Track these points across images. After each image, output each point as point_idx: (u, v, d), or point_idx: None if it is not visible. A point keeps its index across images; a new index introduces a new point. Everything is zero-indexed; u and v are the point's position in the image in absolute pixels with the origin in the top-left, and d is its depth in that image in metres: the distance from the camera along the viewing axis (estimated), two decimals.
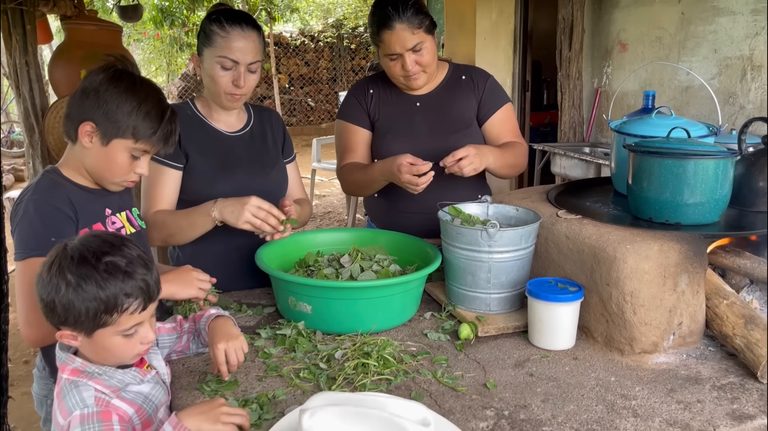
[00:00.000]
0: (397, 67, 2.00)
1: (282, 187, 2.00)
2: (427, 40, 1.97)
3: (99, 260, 1.12)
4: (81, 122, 1.45)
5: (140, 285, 1.14)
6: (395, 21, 1.91)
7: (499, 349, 1.53)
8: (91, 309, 1.10)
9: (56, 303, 1.11)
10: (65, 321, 1.13)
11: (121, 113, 1.43)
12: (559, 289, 1.54)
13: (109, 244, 1.15)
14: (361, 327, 1.56)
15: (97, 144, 1.46)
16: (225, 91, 1.82)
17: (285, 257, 1.81)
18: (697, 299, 1.51)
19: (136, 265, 1.14)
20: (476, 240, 1.60)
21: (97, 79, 1.45)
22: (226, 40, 1.77)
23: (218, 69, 1.79)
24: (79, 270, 1.10)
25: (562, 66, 4.33)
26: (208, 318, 1.40)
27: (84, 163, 1.50)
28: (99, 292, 1.10)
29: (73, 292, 1.10)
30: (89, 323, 1.12)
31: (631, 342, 1.47)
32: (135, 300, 1.13)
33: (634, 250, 1.46)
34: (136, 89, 1.46)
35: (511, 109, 2.17)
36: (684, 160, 1.56)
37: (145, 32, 11.96)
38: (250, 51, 1.79)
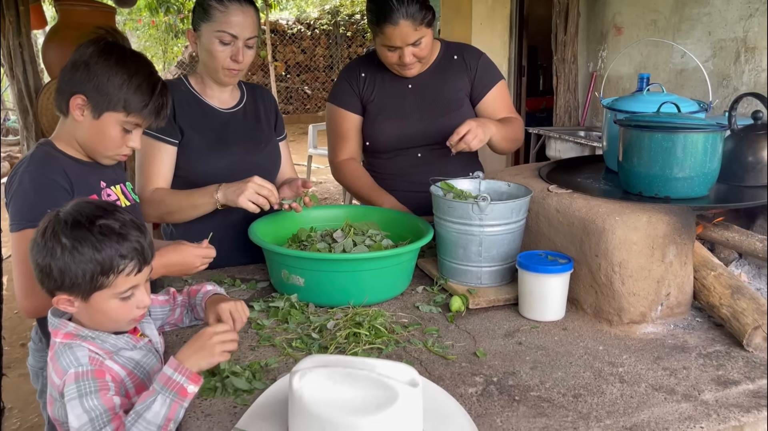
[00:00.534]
0: (394, 58, 2.00)
1: (276, 164, 2.01)
2: (427, 34, 1.97)
3: (93, 223, 1.13)
4: (72, 95, 1.45)
5: (135, 246, 1.16)
6: (399, 16, 1.89)
7: (490, 321, 1.55)
8: (88, 271, 1.12)
9: (52, 267, 1.12)
10: (61, 286, 1.14)
11: (111, 86, 1.43)
12: (549, 261, 1.55)
13: (102, 209, 1.17)
14: (353, 300, 1.57)
15: (89, 117, 1.47)
16: (223, 66, 1.82)
17: (278, 233, 1.82)
18: (685, 270, 1.52)
19: (129, 228, 1.16)
20: (467, 213, 1.61)
21: (87, 52, 1.45)
22: (225, 15, 1.78)
23: (217, 44, 1.80)
24: (73, 233, 1.12)
25: (557, 50, 4.33)
26: (205, 294, 1.42)
27: (76, 137, 1.51)
28: (95, 254, 1.12)
29: (69, 255, 1.11)
30: (86, 286, 1.13)
31: (619, 312, 1.49)
32: (130, 262, 1.15)
33: (623, 222, 1.48)
34: (127, 62, 1.46)
35: (504, 86, 2.17)
36: (673, 133, 1.58)
37: (141, 19, 11.89)
38: (248, 26, 1.80)
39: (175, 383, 1.09)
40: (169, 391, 1.08)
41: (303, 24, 12.00)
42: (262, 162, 1.95)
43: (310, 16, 12.21)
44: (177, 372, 1.10)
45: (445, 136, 2.06)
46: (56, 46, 3.51)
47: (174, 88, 1.88)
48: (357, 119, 2.15)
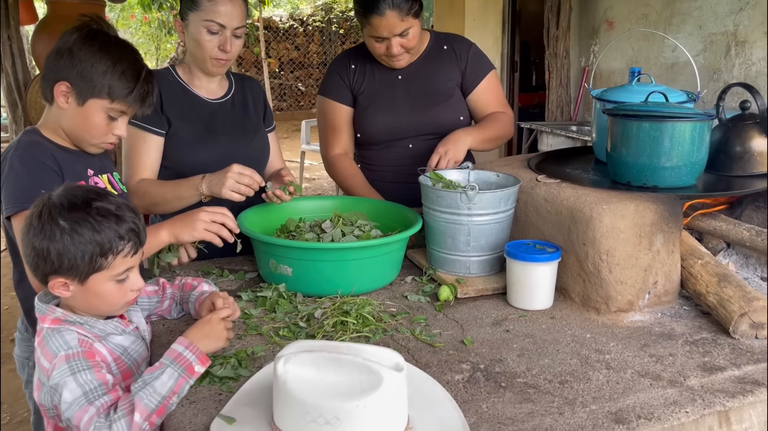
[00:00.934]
0: (382, 49, 1.99)
1: (265, 154, 2.01)
2: (415, 25, 1.96)
3: (89, 205, 1.15)
4: (56, 82, 1.44)
5: (132, 227, 1.17)
6: (386, 7, 1.88)
7: (478, 310, 1.55)
8: (87, 252, 1.13)
9: (50, 250, 1.13)
10: (59, 269, 1.14)
11: (95, 72, 1.43)
12: (536, 250, 1.55)
13: (94, 192, 1.19)
14: (341, 289, 1.57)
15: (73, 104, 1.46)
16: (211, 56, 1.81)
17: (267, 223, 1.81)
18: (672, 259, 1.53)
19: (124, 210, 1.18)
20: (456, 203, 1.61)
21: (71, 39, 1.44)
22: (213, 4, 1.77)
23: (205, 33, 1.79)
24: (71, 216, 1.13)
25: (549, 45, 4.33)
26: (201, 295, 1.42)
27: (61, 124, 1.50)
28: (94, 235, 1.13)
29: (68, 237, 1.12)
30: (85, 267, 1.14)
31: (607, 301, 1.49)
32: (128, 243, 1.17)
33: (610, 210, 1.48)
34: (111, 48, 1.45)
35: (495, 76, 2.17)
36: (661, 122, 1.58)
37: (133, 15, 11.83)
38: (236, 15, 1.79)
39: (185, 359, 1.11)
40: (178, 366, 1.10)
41: (296, 20, 11.97)
42: (251, 152, 1.95)
43: (304, 12, 12.18)
44: (188, 350, 1.12)
45: (437, 126, 2.06)
46: (46, 39, 3.49)
47: (161, 78, 1.87)
48: (349, 111, 2.14)
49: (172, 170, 1.87)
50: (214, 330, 1.19)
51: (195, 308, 1.41)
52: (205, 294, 1.43)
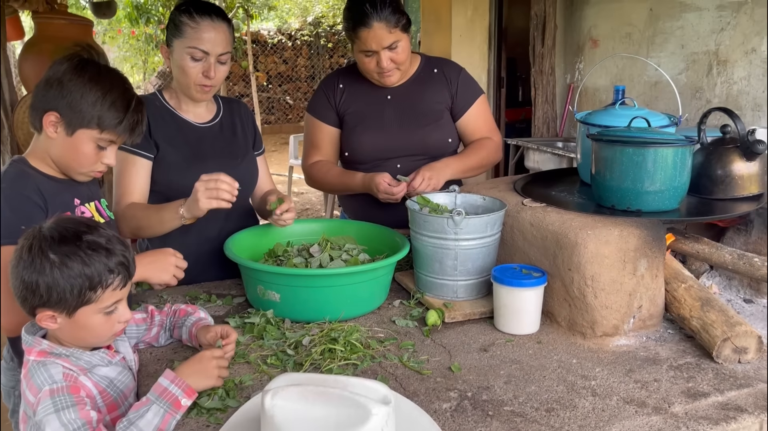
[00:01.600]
0: (372, 64, 2.01)
1: (253, 178, 2.01)
2: (403, 39, 1.98)
3: (80, 239, 1.15)
4: (45, 112, 1.45)
5: (122, 260, 1.18)
6: (373, 19, 1.91)
7: (465, 334, 1.56)
8: (76, 286, 1.13)
9: (39, 283, 1.13)
10: (47, 302, 1.14)
11: (85, 103, 1.43)
12: (523, 275, 1.57)
13: (85, 225, 1.19)
14: (329, 315, 1.58)
15: (62, 134, 1.46)
16: (195, 83, 1.82)
17: (254, 248, 1.82)
18: (656, 283, 1.55)
19: (114, 243, 1.19)
20: (443, 227, 1.62)
21: (61, 69, 1.45)
22: (196, 31, 1.78)
23: (188, 60, 1.80)
24: (61, 249, 1.13)
25: (535, 62, 4.38)
26: (197, 321, 1.42)
27: (50, 153, 1.50)
28: (84, 269, 1.13)
29: (57, 271, 1.12)
30: (73, 301, 1.14)
31: (592, 325, 1.51)
32: (117, 276, 1.17)
33: (595, 235, 1.50)
34: (101, 78, 1.46)
35: (484, 101, 2.19)
36: (644, 148, 1.60)
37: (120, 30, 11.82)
38: (220, 42, 1.80)
39: (171, 394, 1.11)
40: (163, 401, 1.10)
41: (284, 35, 12.01)
42: (239, 176, 1.93)
43: (292, 26, 12.22)
44: (173, 383, 1.12)
45: (425, 147, 2.08)
46: (33, 59, 3.48)
47: (148, 104, 1.87)
48: (332, 131, 2.16)
49: (161, 194, 1.87)
50: (206, 367, 1.19)
51: (190, 333, 1.42)
52: (203, 321, 1.44)
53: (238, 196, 1.97)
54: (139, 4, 10.63)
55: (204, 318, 1.46)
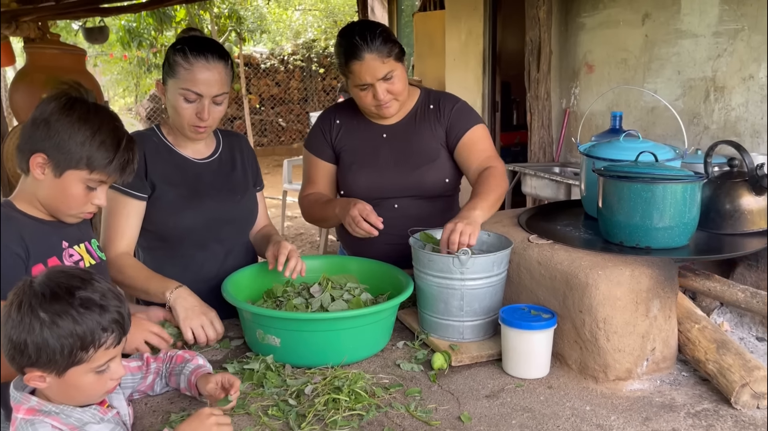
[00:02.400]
0: (369, 97, 1.95)
1: (253, 215, 1.96)
2: (398, 68, 1.93)
3: (72, 295, 1.09)
4: (32, 153, 1.39)
5: (116, 317, 1.11)
6: (364, 51, 1.87)
7: (473, 379, 1.50)
8: (67, 346, 1.07)
9: (28, 343, 1.07)
10: (36, 362, 1.08)
11: (73, 143, 1.38)
12: (532, 316, 1.52)
13: (79, 279, 1.12)
14: (332, 360, 1.52)
15: (50, 176, 1.40)
16: (189, 123, 1.76)
17: (253, 287, 1.77)
18: (670, 324, 1.50)
19: (109, 298, 1.12)
20: (448, 267, 1.58)
21: (48, 109, 1.39)
22: (189, 72, 1.71)
23: (181, 101, 1.74)
24: (52, 307, 1.07)
25: (530, 87, 4.37)
26: (197, 368, 1.36)
27: (37, 196, 1.45)
28: (75, 328, 1.07)
29: (47, 330, 1.06)
30: (63, 361, 1.08)
31: (605, 369, 1.46)
32: (111, 335, 1.11)
33: (606, 276, 1.45)
34: (90, 117, 1.40)
35: (483, 130, 2.09)
36: (652, 184, 1.57)
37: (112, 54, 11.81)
38: (215, 83, 1.73)
39: None
40: None
41: (276, 58, 12.03)
42: (238, 215, 1.90)
43: (285, 50, 12.25)
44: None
45: (421, 187, 2.02)
46: (24, 89, 3.42)
47: (145, 140, 1.83)
48: (328, 167, 2.12)
49: (156, 234, 1.81)
50: (205, 425, 1.13)
51: (190, 382, 1.36)
52: (203, 368, 1.38)
53: (236, 233, 1.92)
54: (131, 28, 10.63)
55: (203, 366, 1.40)
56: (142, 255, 1.91)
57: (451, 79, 5.87)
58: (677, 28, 3.48)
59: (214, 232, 1.85)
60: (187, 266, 1.84)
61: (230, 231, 1.89)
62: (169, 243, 1.81)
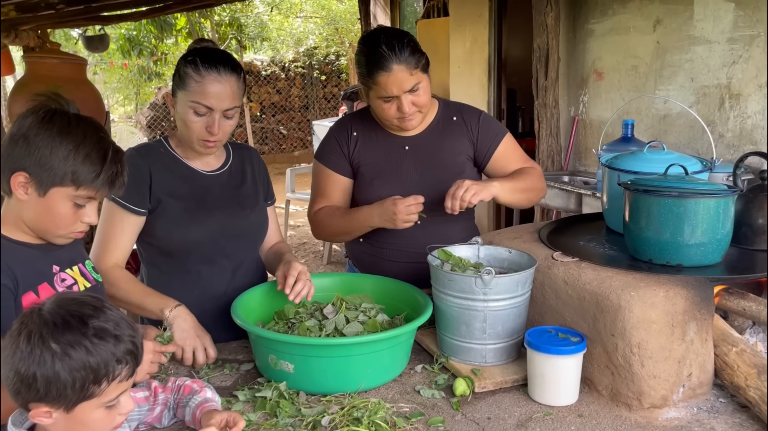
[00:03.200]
0: (392, 110, 1.84)
1: (262, 229, 1.88)
2: (424, 80, 1.83)
3: (86, 324, 1.01)
4: (12, 173, 1.29)
5: (130, 348, 1.04)
6: (392, 62, 1.76)
7: (498, 406, 1.42)
8: (79, 379, 0.99)
9: (37, 376, 0.99)
10: (44, 397, 1.00)
11: (56, 158, 1.27)
12: (560, 340, 1.44)
13: (91, 306, 1.05)
14: (348, 386, 1.44)
15: (34, 195, 1.30)
16: (198, 137, 1.69)
17: (264, 307, 1.69)
18: (706, 348, 1.42)
19: (123, 327, 1.05)
20: (470, 287, 1.50)
21: (25, 124, 1.29)
22: (200, 85, 1.64)
23: (191, 114, 1.66)
24: (65, 337, 1.00)
25: (538, 95, 4.29)
26: (202, 403, 1.28)
27: (23, 218, 1.34)
28: (89, 359, 1.00)
29: (59, 362, 0.99)
30: (74, 396, 1.00)
31: (639, 396, 1.37)
32: (125, 366, 1.04)
33: (639, 298, 1.37)
34: (71, 130, 1.29)
35: (511, 140, 2.03)
36: (684, 198, 1.49)
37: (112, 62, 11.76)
38: (226, 97, 1.66)
39: None
40: None
41: (278, 66, 11.97)
42: (246, 229, 1.82)
43: (285, 57, 12.20)
44: None
45: None
46: (24, 99, 3.33)
47: (152, 152, 1.75)
48: (344, 181, 2.01)
49: (160, 248, 1.73)
50: None
51: (194, 415, 1.27)
52: (210, 403, 1.29)
53: (245, 248, 1.84)
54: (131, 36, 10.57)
55: (210, 400, 1.31)
56: (146, 270, 1.83)
57: (456, 87, 5.80)
58: (690, 34, 3.41)
59: (220, 247, 1.77)
60: (194, 282, 1.76)
61: (238, 246, 1.81)
62: (174, 257, 1.73)
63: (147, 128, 11.03)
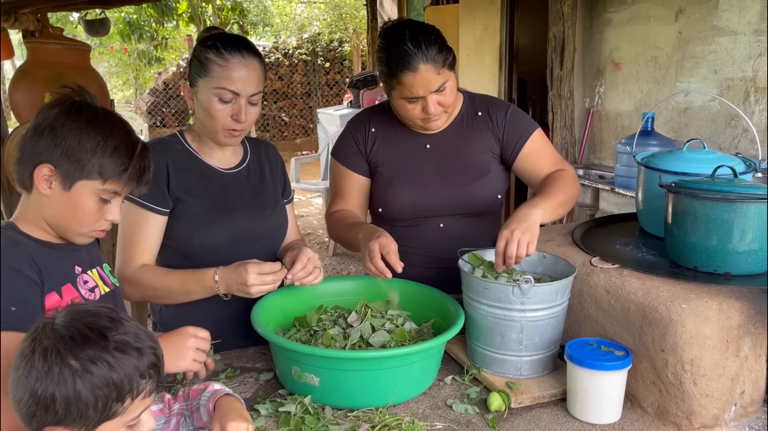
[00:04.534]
0: (417, 110, 1.71)
1: (283, 229, 1.78)
2: (451, 78, 1.69)
3: (105, 338, 0.94)
4: (36, 166, 1.22)
5: (153, 361, 0.97)
6: (419, 61, 1.63)
7: (537, 424, 1.33)
8: (101, 397, 0.92)
9: (56, 397, 0.91)
10: (63, 419, 0.92)
11: (83, 150, 1.21)
12: (602, 353, 1.35)
13: (108, 318, 0.97)
14: (377, 401, 1.35)
15: (58, 189, 1.24)
16: (224, 127, 1.59)
17: (284, 312, 1.60)
18: (760, 364, 1.33)
19: (143, 339, 0.98)
20: (507, 297, 1.40)
21: (51, 114, 1.22)
22: (225, 69, 1.55)
23: (216, 102, 1.57)
24: (85, 353, 0.92)
25: (553, 85, 4.19)
26: (213, 394, 1.19)
27: (44, 214, 1.27)
28: (112, 376, 0.92)
29: (80, 381, 0.91)
30: (96, 416, 0.93)
31: (689, 415, 1.29)
32: (149, 381, 0.97)
33: (692, 311, 1.28)
34: (100, 122, 1.24)
35: (541, 135, 1.88)
36: (736, 203, 1.40)
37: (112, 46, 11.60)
38: (252, 81, 1.57)
39: None
40: None
41: (280, 52, 11.82)
42: (267, 230, 1.72)
43: (289, 44, 12.03)
44: None
45: (471, 205, 1.81)
46: (25, 87, 3.21)
47: (168, 148, 1.65)
48: (361, 180, 1.89)
49: (178, 251, 1.64)
50: None
51: (207, 409, 1.19)
52: (218, 393, 1.22)
53: (265, 250, 1.75)
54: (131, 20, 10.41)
55: (219, 390, 1.23)
56: None
57: (465, 76, 5.68)
58: (714, 24, 3.30)
59: (241, 249, 1.67)
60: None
61: (259, 249, 1.71)
62: (192, 261, 1.63)
63: (147, 114, 10.89)
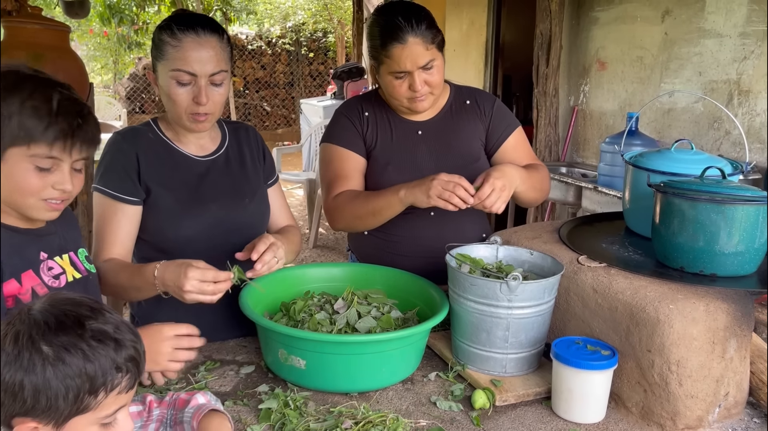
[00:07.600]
0: (403, 87, 1.74)
1: (263, 219, 1.74)
2: (438, 58, 1.73)
3: (83, 326, 0.89)
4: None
5: (132, 354, 0.92)
6: (408, 33, 1.66)
7: (521, 422, 1.32)
8: (73, 388, 0.87)
9: (25, 384, 0.86)
10: (32, 409, 0.87)
11: (4, 116, 1.16)
12: (589, 352, 1.34)
13: (88, 307, 0.92)
14: (360, 384, 1.36)
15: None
16: (186, 111, 1.54)
17: (271, 296, 1.57)
18: (744, 366, 1.34)
19: (124, 331, 0.93)
20: (494, 293, 1.39)
21: None
22: (178, 50, 1.49)
23: (174, 86, 1.51)
24: (58, 339, 0.87)
25: (538, 82, 4.18)
26: (198, 410, 1.15)
27: None
28: (85, 366, 0.87)
29: (50, 369, 0.86)
30: (66, 408, 0.88)
31: (674, 416, 1.28)
32: (126, 375, 0.92)
33: (679, 311, 1.28)
34: (19, 85, 1.18)
35: (522, 133, 1.95)
36: (725, 204, 1.40)
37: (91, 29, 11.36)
38: (209, 60, 1.51)
39: None
40: None
41: (264, 40, 11.68)
42: (245, 220, 1.68)
43: (272, 32, 11.90)
44: None
45: None
46: None
47: (139, 136, 1.60)
48: (361, 162, 1.85)
49: (152, 245, 1.59)
50: None
51: (192, 427, 1.15)
52: (204, 409, 1.16)
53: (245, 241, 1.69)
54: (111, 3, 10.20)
55: (204, 405, 1.17)
56: None
57: (451, 71, 5.63)
58: (700, 26, 3.31)
59: (217, 242, 1.63)
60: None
61: (238, 240, 1.67)
62: (168, 255, 1.57)
63: (126, 100, 10.70)
